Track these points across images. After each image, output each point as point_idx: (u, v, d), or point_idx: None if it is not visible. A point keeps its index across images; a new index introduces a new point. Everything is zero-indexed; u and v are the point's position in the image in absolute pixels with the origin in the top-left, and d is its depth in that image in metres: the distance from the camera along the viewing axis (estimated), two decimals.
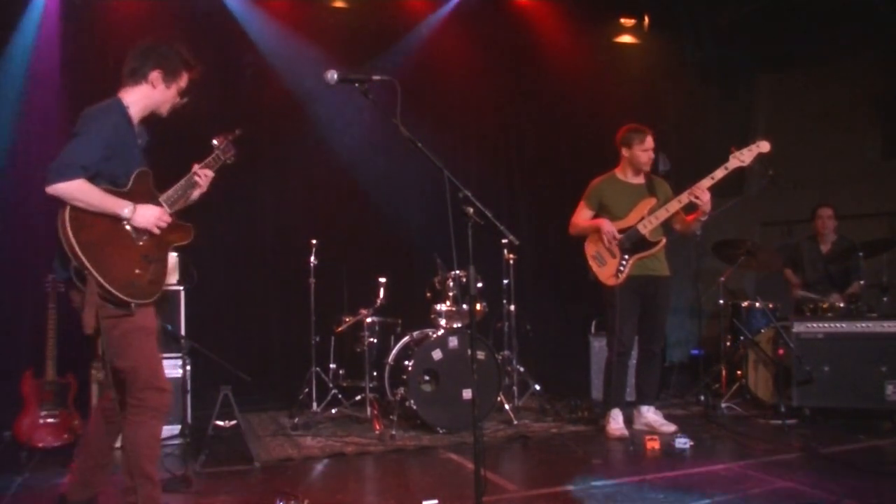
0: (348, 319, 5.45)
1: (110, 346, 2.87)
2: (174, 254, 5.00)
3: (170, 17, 5.90)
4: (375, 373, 5.35)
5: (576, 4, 7.22)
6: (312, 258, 5.49)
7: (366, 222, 6.63)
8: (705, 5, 7.35)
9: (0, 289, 5.27)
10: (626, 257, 4.80)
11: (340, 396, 5.46)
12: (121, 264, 2.86)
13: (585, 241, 4.95)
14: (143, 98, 3.07)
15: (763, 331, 5.79)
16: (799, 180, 6.76)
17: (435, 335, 5.04)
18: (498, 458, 4.39)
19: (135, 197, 2.93)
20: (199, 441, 4.47)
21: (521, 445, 4.70)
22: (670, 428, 4.85)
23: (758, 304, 6.08)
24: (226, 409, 4.65)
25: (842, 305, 5.59)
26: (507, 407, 5.22)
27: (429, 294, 5.45)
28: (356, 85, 3.02)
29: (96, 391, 4.55)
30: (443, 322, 5.22)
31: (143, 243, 2.96)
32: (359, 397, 5.40)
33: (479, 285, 5.05)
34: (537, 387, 5.69)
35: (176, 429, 4.69)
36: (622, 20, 7.55)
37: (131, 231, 2.93)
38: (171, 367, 4.74)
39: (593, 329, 6.13)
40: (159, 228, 2.99)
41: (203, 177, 3.19)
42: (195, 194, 3.21)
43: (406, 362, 4.98)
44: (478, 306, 5.14)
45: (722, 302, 5.86)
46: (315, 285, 5.51)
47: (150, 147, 3.16)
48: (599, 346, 5.89)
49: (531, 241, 7.06)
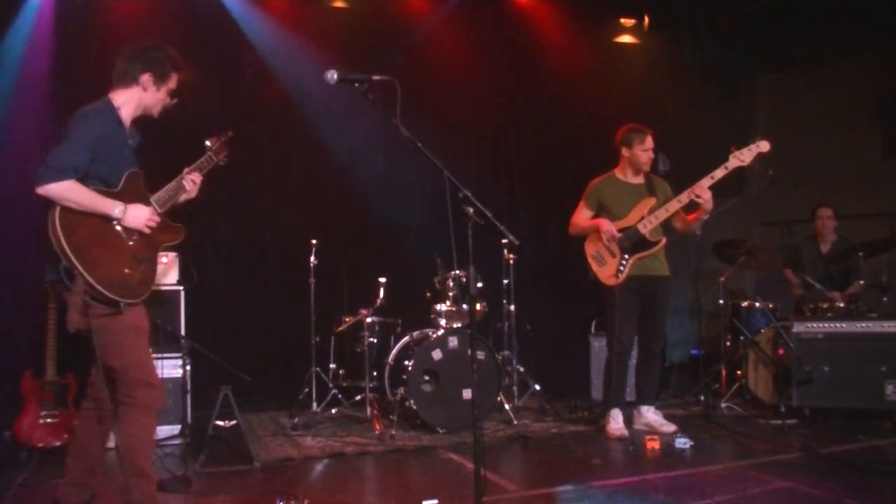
0: (348, 319, 5.45)
1: (101, 345, 2.89)
2: (174, 254, 5.02)
3: (169, 18, 5.88)
4: (375, 373, 5.35)
5: (575, 4, 7.22)
6: (312, 258, 5.49)
7: (366, 222, 6.62)
8: (705, 5, 7.35)
9: (0, 289, 5.26)
10: (626, 257, 4.80)
11: (340, 396, 5.45)
12: (110, 264, 2.88)
13: (585, 240, 4.95)
14: (134, 100, 3.09)
15: (763, 331, 5.79)
16: (799, 180, 6.75)
17: (435, 335, 5.04)
18: (498, 458, 4.39)
19: (126, 197, 2.95)
20: (199, 441, 4.47)
21: (521, 445, 4.70)
22: (670, 428, 4.85)
23: (758, 304, 6.08)
24: (226, 409, 4.64)
25: (842, 305, 5.59)
26: (507, 407, 5.22)
27: (429, 294, 5.45)
28: (356, 85, 3.01)
29: None
30: (443, 322, 5.22)
31: (133, 243, 2.98)
32: (359, 397, 5.40)
33: (479, 285, 5.04)
34: (537, 387, 5.69)
35: (176, 429, 4.70)
36: (622, 20, 7.54)
37: (121, 231, 2.94)
38: (171, 367, 4.76)
39: (593, 329, 6.13)
40: (149, 228, 3.01)
41: (191, 183, 3.21)
42: (182, 198, 3.23)
43: (406, 362, 4.98)
44: (478, 306, 5.13)
45: (722, 302, 5.87)
46: (315, 285, 5.51)
47: (150, 147, 3.16)
48: (599, 346, 5.89)
49: (531, 241, 7.05)
